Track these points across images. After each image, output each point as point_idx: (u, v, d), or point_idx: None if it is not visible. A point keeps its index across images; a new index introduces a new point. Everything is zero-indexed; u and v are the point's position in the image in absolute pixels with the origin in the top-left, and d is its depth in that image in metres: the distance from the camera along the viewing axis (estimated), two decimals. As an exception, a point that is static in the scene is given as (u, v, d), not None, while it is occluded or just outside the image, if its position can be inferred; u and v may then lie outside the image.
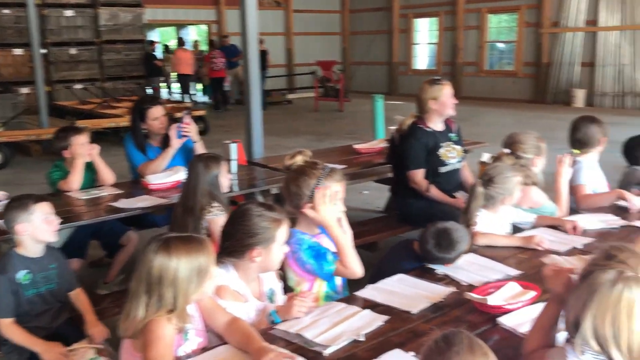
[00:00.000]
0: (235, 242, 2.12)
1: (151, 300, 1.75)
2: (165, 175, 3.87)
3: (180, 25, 19.53)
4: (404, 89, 17.82)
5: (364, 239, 4.03)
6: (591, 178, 3.61)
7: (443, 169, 3.93)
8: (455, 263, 2.50)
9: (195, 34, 21.29)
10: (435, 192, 3.86)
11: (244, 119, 5.08)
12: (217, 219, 2.94)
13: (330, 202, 2.37)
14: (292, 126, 12.37)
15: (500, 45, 16.85)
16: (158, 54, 16.39)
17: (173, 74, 17.15)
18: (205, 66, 15.39)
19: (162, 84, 16.58)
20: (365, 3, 19.31)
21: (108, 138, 8.92)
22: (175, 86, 16.11)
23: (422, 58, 18.75)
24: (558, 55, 14.67)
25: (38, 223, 2.51)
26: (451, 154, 3.96)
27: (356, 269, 2.36)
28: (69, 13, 13.63)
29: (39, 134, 9.02)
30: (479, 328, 1.96)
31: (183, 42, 16.37)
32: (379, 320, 2.00)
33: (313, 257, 2.36)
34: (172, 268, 1.75)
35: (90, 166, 3.85)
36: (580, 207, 3.50)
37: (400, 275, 2.37)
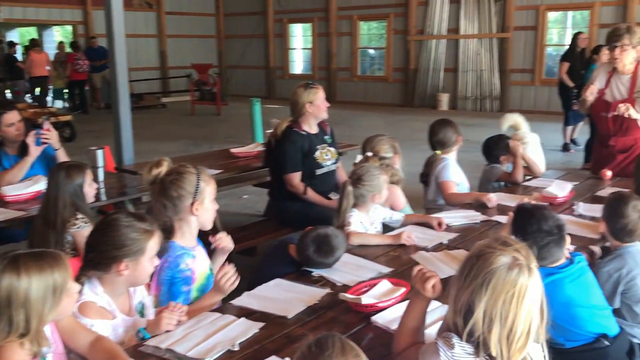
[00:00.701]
0: (101, 254, 1.98)
1: (0, 325, 1.59)
2: (24, 185, 3.59)
3: (43, 26, 18.20)
4: (282, 93, 17.92)
5: (243, 244, 3.98)
6: (456, 174, 3.89)
7: (319, 171, 3.98)
8: (331, 265, 2.54)
9: (60, 35, 19.96)
10: (312, 195, 3.91)
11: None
12: (82, 231, 2.75)
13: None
14: (168, 131, 11.99)
15: (371, 51, 17.50)
16: (19, 56, 15.20)
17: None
18: (68, 68, 14.52)
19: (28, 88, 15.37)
20: (240, 7, 19.21)
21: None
22: (33, 90, 14.96)
23: (299, 63, 19.00)
24: (424, 62, 15.50)
25: None
26: (326, 156, 4.02)
27: None
28: None
29: None
30: (353, 328, 1.99)
31: (37, 43, 15.20)
32: (255, 327, 1.97)
33: (167, 284, 2.26)
34: (23, 288, 1.59)
35: None
36: (448, 203, 3.75)
37: (276, 280, 2.35)
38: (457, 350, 1.50)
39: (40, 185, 3.47)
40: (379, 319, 2.02)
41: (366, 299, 2.08)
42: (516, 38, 14.18)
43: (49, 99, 15.36)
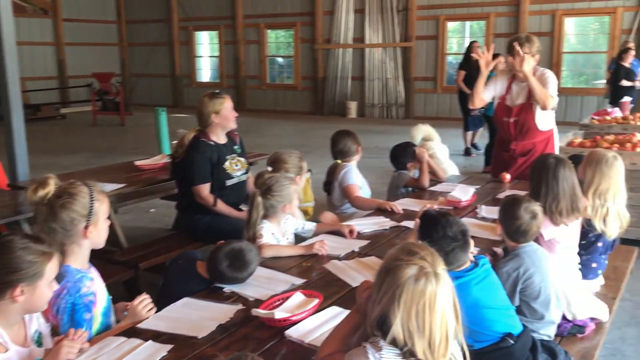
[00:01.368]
0: (-7, 280, 1.81)
1: None
2: None
3: None
4: (189, 102, 17.57)
5: (151, 261, 3.82)
6: (358, 179, 4.01)
7: (229, 182, 3.90)
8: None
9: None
10: (222, 207, 3.82)
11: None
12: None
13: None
14: (68, 143, 11.40)
15: (280, 59, 17.54)
16: None
17: None
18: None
19: None
20: (143, 14, 18.66)
21: None
22: None
23: (206, 71, 18.70)
24: (332, 70, 15.73)
25: None
26: (236, 166, 3.95)
27: None
28: None
29: None
30: (267, 344, 1.94)
31: None
32: (163, 350, 1.88)
33: (69, 313, 2.08)
34: None
35: None
36: (354, 205, 3.88)
37: (184, 300, 2.26)
38: (385, 353, 1.50)
39: None
40: (292, 332, 1.99)
41: (279, 313, 2.04)
42: (418, 47, 14.71)
43: None
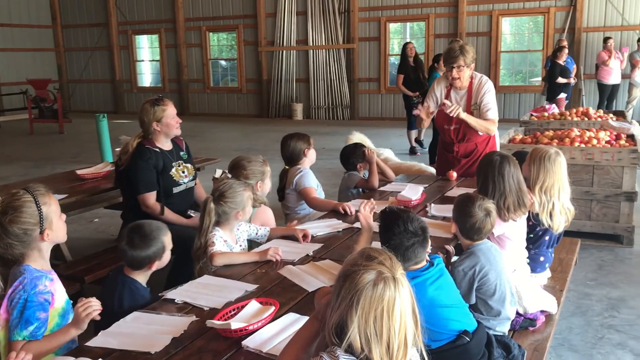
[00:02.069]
0: None
1: None
2: None
3: None
4: (131, 107, 17.18)
5: (96, 274, 3.69)
6: (314, 182, 3.99)
7: (176, 190, 3.80)
8: (195, 287, 2.40)
9: None
10: (169, 215, 3.71)
11: None
12: None
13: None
14: (4, 153, 10.92)
15: (223, 62, 17.34)
16: None
17: None
18: None
19: None
20: (80, 18, 18.09)
21: None
22: None
23: (147, 75, 18.30)
24: (277, 72, 15.68)
25: None
26: (183, 173, 3.85)
27: None
28: None
29: None
30: (223, 355, 1.89)
31: None
32: (115, 368, 1.80)
33: (19, 308, 2.03)
34: None
35: None
36: (311, 206, 3.87)
37: (135, 314, 2.17)
38: None
39: None
40: (249, 342, 1.94)
41: (235, 324, 1.98)
42: (361, 48, 14.85)
43: None
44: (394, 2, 14.31)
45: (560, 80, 10.19)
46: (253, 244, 3.15)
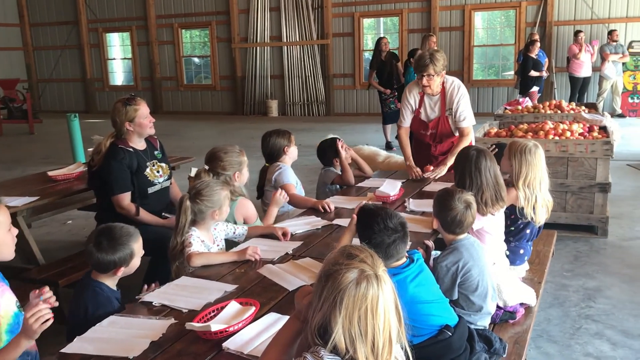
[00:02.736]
0: None
1: None
2: None
3: None
4: (103, 106, 16.93)
5: (70, 277, 3.62)
6: (293, 179, 3.97)
7: (151, 190, 3.73)
8: (172, 289, 2.35)
9: None
10: (145, 216, 3.65)
11: None
12: None
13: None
14: (-30, 156, 10.65)
15: (196, 59, 17.17)
16: None
17: None
18: None
19: None
20: (48, 16, 17.73)
21: None
22: None
23: (119, 74, 18.02)
24: (251, 69, 15.57)
25: None
26: (158, 172, 3.79)
27: None
28: None
29: None
30: (204, 358, 1.85)
31: None
32: (92, 375, 1.75)
33: None
34: None
35: None
36: (291, 203, 3.83)
37: (111, 318, 2.11)
38: None
39: None
40: (230, 344, 1.90)
41: (215, 325, 1.95)
42: (336, 44, 14.83)
43: None
44: (367, -3, 14.33)
45: (532, 73, 10.31)
46: (231, 244, 3.11)
